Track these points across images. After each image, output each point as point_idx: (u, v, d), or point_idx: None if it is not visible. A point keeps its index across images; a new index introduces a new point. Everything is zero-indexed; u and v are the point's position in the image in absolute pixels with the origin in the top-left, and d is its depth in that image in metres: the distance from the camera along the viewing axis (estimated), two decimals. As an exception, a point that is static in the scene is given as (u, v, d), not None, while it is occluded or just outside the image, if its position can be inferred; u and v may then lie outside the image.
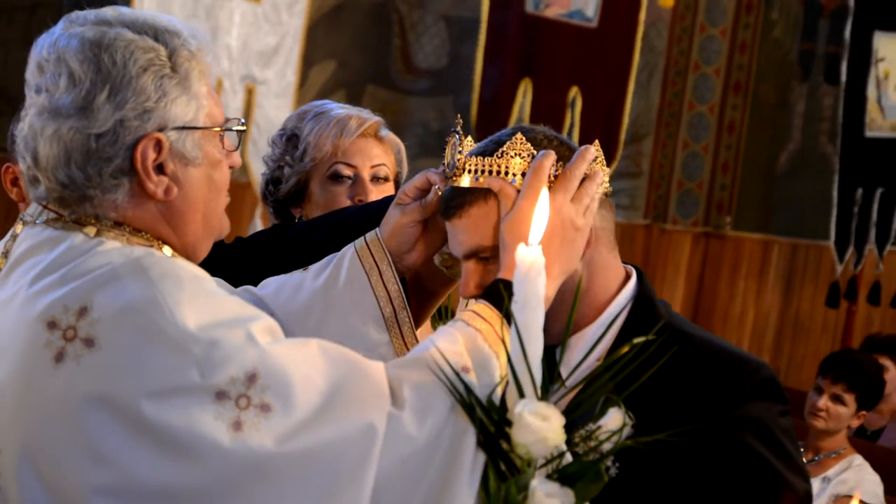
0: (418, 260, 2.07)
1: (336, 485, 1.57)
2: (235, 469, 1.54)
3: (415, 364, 1.69)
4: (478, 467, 1.62)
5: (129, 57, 1.67)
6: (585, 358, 1.75)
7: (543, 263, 1.64)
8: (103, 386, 1.55)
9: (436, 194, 2.02)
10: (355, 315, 2.02)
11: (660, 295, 2.06)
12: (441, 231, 2.03)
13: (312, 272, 2.08)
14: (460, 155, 1.96)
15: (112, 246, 1.67)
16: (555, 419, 1.60)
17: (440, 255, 2.11)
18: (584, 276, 1.95)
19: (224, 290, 1.72)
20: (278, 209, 2.84)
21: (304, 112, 2.83)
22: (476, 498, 1.61)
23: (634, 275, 2.04)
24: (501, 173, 1.90)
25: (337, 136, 2.73)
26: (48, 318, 1.59)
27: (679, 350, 1.86)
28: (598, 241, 1.96)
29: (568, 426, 1.62)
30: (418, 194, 2.06)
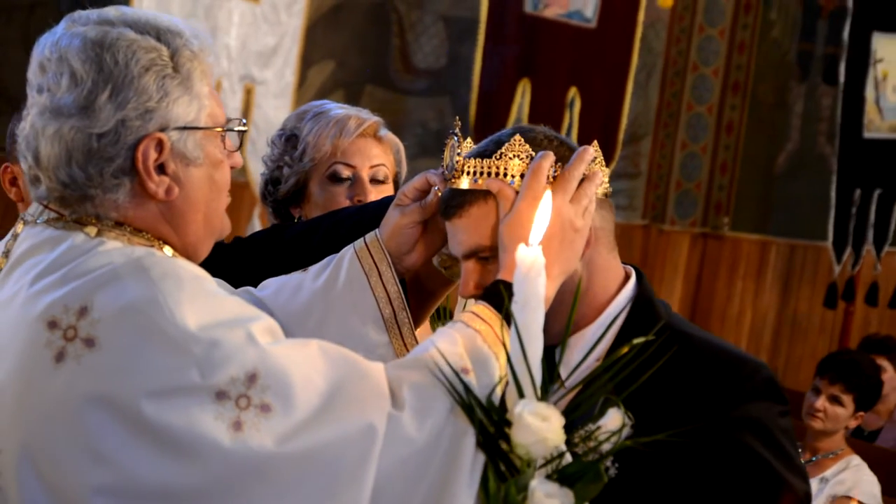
0: (418, 261, 2.07)
1: (336, 485, 1.57)
2: (235, 469, 1.54)
3: (414, 365, 1.69)
4: (477, 468, 1.62)
5: (132, 57, 1.67)
6: (585, 358, 1.75)
7: (543, 264, 1.64)
8: (103, 386, 1.55)
9: (435, 195, 2.02)
10: (355, 316, 2.02)
11: (658, 295, 2.06)
12: (440, 232, 2.03)
13: (312, 273, 2.08)
14: (459, 157, 1.95)
15: (113, 246, 1.67)
16: (554, 419, 1.60)
17: (439, 256, 2.11)
18: (584, 277, 1.95)
19: (225, 291, 1.72)
20: (277, 209, 2.84)
21: (304, 112, 2.83)
22: (476, 498, 1.61)
23: (634, 275, 2.04)
24: (500, 175, 1.90)
25: (336, 137, 2.73)
26: (49, 318, 1.59)
27: (679, 350, 1.85)
28: (598, 242, 1.96)
29: (567, 426, 1.62)
30: (418, 195, 2.06)
